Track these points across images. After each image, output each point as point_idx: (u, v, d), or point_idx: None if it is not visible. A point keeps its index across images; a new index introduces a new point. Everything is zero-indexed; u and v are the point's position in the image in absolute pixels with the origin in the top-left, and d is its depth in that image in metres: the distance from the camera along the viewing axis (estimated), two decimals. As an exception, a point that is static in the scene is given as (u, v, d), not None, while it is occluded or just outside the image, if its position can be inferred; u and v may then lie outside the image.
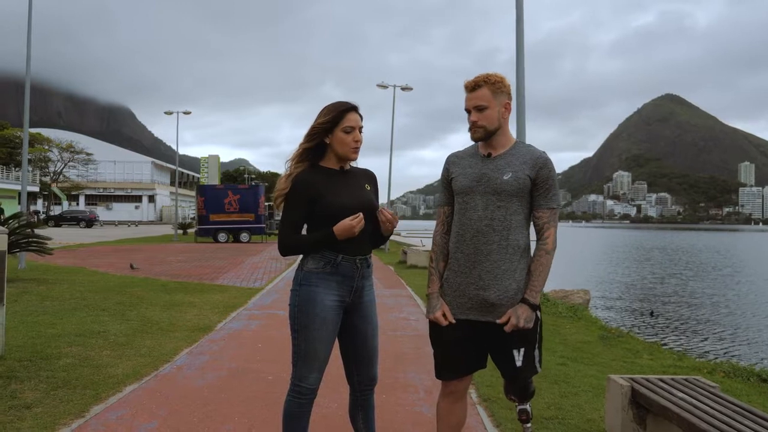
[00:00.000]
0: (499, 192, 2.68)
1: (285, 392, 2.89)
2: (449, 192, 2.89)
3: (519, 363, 2.70)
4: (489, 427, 4.11)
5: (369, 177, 3.01)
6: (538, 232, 2.77)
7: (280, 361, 5.67)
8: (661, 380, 3.87)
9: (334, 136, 2.81)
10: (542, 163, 2.72)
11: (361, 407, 3.01)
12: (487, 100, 2.71)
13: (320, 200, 2.76)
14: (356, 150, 2.84)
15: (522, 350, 2.70)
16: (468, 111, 2.76)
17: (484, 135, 2.75)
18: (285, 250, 2.84)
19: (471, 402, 4.57)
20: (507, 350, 2.71)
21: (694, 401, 3.40)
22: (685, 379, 3.90)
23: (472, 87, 2.74)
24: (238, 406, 4.40)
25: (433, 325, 2.85)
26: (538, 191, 2.73)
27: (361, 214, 2.73)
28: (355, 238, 2.76)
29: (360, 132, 2.85)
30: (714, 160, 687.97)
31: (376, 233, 2.91)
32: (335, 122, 2.80)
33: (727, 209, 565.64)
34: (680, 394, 3.52)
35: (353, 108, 2.85)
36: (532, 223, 2.80)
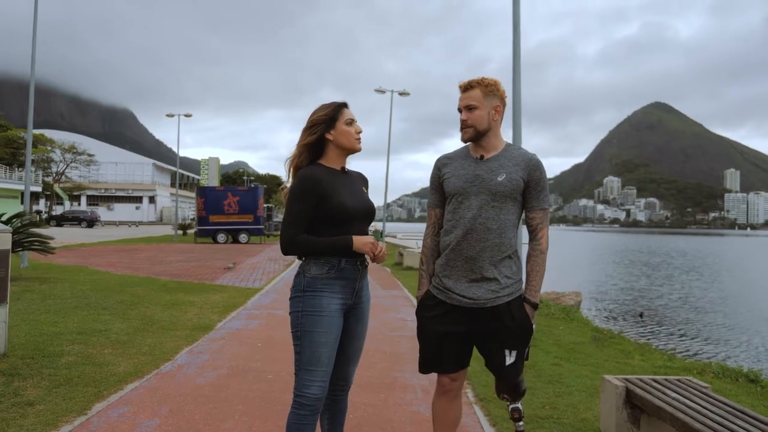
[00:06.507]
0: (493, 193, 2.74)
1: (285, 390, 2.89)
2: (440, 194, 2.94)
3: (508, 362, 2.76)
4: (485, 426, 4.16)
5: (364, 180, 3.02)
6: (532, 233, 2.83)
7: (280, 360, 5.72)
8: (655, 380, 3.92)
9: (336, 130, 2.80)
10: (534, 165, 2.79)
11: (328, 407, 2.93)
12: (478, 100, 2.78)
13: (327, 199, 2.70)
14: (360, 140, 2.86)
15: (515, 352, 2.76)
16: (460, 110, 2.83)
17: (474, 135, 2.81)
18: (291, 249, 2.73)
19: (467, 401, 4.63)
20: (499, 349, 2.76)
21: (687, 401, 3.44)
22: (678, 380, 3.94)
23: (465, 87, 2.83)
24: (239, 404, 4.44)
25: (420, 319, 2.91)
26: (531, 193, 2.79)
27: (383, 246, 2.74)
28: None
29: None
30: (701, 166, 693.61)
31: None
32: (335, 117, 2.81)
33: (713, 214, 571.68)
34: (673, 395, 3.57)
35: (347, 104, 2.89)
36: (524, 224, 2.86)
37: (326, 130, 2.81)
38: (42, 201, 66.51)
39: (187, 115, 40.85)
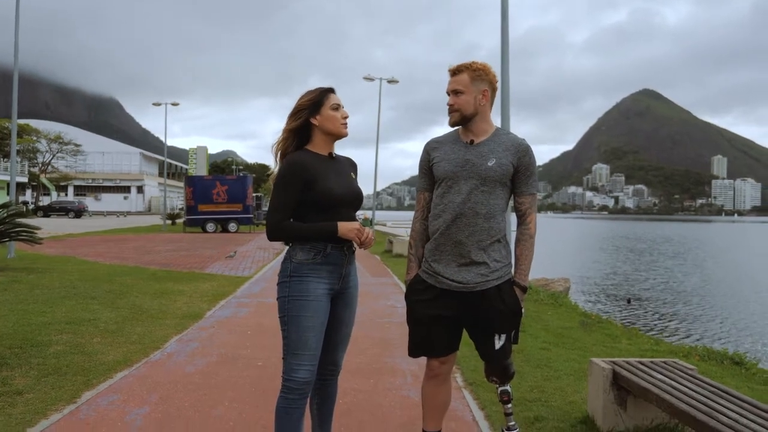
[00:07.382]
0: (483, 177, 2.75)
1: (275, 377, 2.89)
2: (429, 178, 2.94)
3: (498, 346, 2.78)
4: (474, 410, 4.19)
5: (353, 165, 3.00)
6: (520, 218, 2.85)
7: (270, 347, 5.73)
8: (641, 363, 3.96)
9: (321, 115, 2.78)
10: (524, 150, 2.80)
11: (318, 392, 2.93)
12: (465, 85, 2.79)
13: (313, 185, 2.70)
14: (346, 125, 2.84)
15: (504, 335, 2.79)
16: (449, 94, 2.84)
17: (460, 119, 2.82)
18: (277, 234, 2.74)
19: (456, 386, 4.66)
20: (488, 333, 2.79)
21: (673, 383, 3.48)
22: (664, 362, 3.99)
23: (454, 72, 2.83)
24: (228, 391, 4.45)
25: (410, 303, 2.93)
26: (520, 178, 2.81)
27: (370, 232, 2.73)
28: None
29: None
30: (689, 153, 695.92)
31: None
32: (320, 102, 2.79)
33: (700, 201, 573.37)
34: (660, 376, 3.61)
35: (333, 90, 2.87)
36: (512, 208, 2.88)
37: (311, 115, 2.79)
38: (29, 192, 65.89)
39: (174, 104, 40.53)
